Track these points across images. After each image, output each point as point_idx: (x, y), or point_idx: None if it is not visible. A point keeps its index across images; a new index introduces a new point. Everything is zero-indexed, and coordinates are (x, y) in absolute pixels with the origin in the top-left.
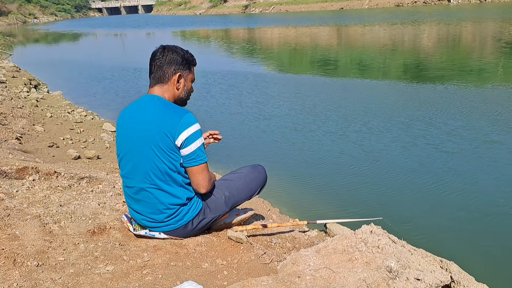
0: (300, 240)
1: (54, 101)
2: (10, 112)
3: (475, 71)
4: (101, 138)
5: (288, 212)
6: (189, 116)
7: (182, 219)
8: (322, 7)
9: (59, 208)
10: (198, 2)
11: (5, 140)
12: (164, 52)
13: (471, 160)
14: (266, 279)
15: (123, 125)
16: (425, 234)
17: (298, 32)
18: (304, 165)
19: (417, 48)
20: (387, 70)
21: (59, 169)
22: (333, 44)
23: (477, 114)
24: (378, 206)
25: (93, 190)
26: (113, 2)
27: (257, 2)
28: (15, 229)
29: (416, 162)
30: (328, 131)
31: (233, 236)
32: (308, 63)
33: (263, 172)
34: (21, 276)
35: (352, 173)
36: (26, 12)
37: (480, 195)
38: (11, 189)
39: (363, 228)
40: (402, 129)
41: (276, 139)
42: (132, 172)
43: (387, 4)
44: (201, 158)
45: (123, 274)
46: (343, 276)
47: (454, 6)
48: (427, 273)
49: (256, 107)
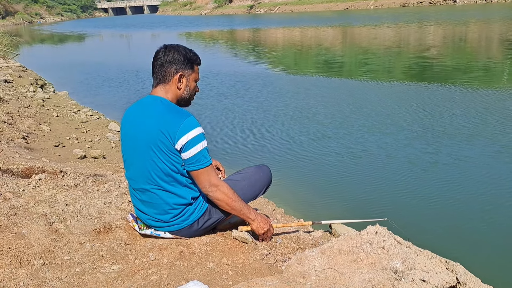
0: (305, 240)
1: (60, 100)
2: (17, 111)
3: (482, 71)
4: (107, 137)
5: (293, 213)
6: (190, 120)
7: (188, 219)
8: (327, 7)
9: (65, 207)
10: (203, 2)
11: (11, 140)
12: (166, 51)
13: (478, 161)
14: (271, 279)
15: (126, 126)
16: (431, 235)
17: (303, 33)
18: (309, 165)
19: (424, 48)
20: (393, 71)
21: (65, 169)
22: (338, 44)
23: (484, 115)
24: (384, 207)
25: (98, 190)
26: (118, 2)
27: (262, 2)
28: (21, 228)
29: (422, 163)
30: (334, 132)
31: (238, 236)
32: (313, 64)
33: (268, 172)
34: (27, 274)
35: (357, 174)
36: (33, 12)
37: (487, 196)
38: (18, 188)
39: (368, 229)
40: (408, 129)
41: (281, 139)
42: (136, 174)
43: (392, 4)
44: (201, 163)
45: (128, 273)
46: (348, 277)
47: (459, 6)
48: (432, 274)
49: (262, 107)
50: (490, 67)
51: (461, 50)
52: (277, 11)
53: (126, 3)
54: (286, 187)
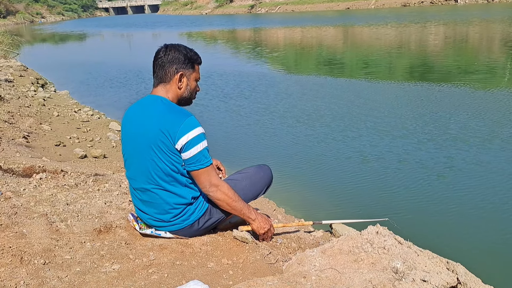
0: (306, 240)
1: (61, 100)
2: (18, 111)
3: (484, 72)
4: (108, 137)
5: (293, 212)
6: (190, 120)
7: (188, 218)
8: (328, 7)
9: (65, 206)
10: (204, 2)
11: (12, 139)
12: (166, 51)
13: (479, 161)
14: (271, 279)
15: (126, 126)
16: (432, 235)
17: (304, 33)
18: (310, 165)
19: (428, 48)
20: (394, 71)
21: (65, 168)
22: (340, 44)
23: (487, 116)
24: (384, 207)
25: (99, 189)
26: (119, 1)
27: (263, 2)
28: (22, 227)
29: (423, 163)
30: (335, 131)
31: (238, 236)
32: (314, 64)
33: (269, 172)
34: (28, 274)
35: (358, 174)
36: (34, 12)
37: (488, 196)
38: (18, 187)
39: (369, 229)
40: (409, 129)
41: (282, 139)
42: (136, 173)
43: (394, 4)
44: (201, 162)
45: (129, 273)
46: (348, 276)
47: (461, 6)
48: (433, 275)
49: (262, 106)
50: (499, 67)
51: (465, 50)
52: (278, 11)
53: (127, 2)
54: (287, 187)
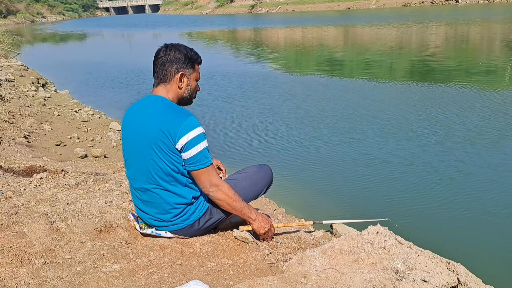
0: (306, 240)
1: (61, 100)
2: (18, 110)
3: (486, 72)
4: (108, 137)
5: (294, 212)
6: (190, 120)
7: (189, 218)
8: (329, 7)
9: (66, 206)
10: (204, 1)
11: (13, 139)
12: (166, 50)
13: (479, 161)
14: (271, 279)
15: (127, 126)
16: (432, 236)
17: (305, 33)
18: (310, 165)
19: (430, 48)
20: (396, 71)
21: (66, 168)
22: (341, 44)
23: (488, 116)
24: (385, 207)
25: (100, 189)
26: (120, 1)
27: (264, 2)
28: (22, 227)
29: (423, 163)
30: (335, 132)
31: (239, 236)
32: (315, 64)
33: (269, 172)
34: (28, 273)
35: (358, 174)
36: (34, 12)
37: (488, 197)
38: (19, 187)
39: (369, 229)
40: (409, 130)
41: (282, 138)
42: (136, 173)
43: (394, 4)
44: (202, 162)
45: (129, 273)
46: (349, 277)
47: (462, 6)
48: (433, 275)
49: (263, 106)
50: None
51: (467, 51)
52: (279, 11)
53: (128, 2)
54: (287, 187)
